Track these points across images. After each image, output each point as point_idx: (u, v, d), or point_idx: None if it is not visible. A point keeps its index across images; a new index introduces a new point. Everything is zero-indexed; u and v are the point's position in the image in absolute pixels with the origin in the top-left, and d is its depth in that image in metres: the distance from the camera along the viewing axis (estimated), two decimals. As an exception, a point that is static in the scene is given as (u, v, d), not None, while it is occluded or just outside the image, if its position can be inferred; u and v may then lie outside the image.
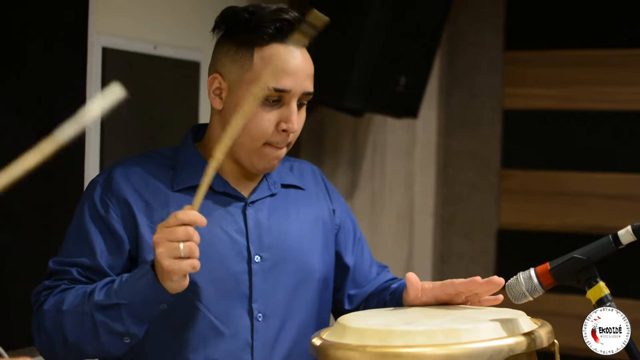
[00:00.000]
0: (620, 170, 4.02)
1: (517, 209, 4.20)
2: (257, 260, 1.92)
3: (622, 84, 4.02)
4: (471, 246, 4.23)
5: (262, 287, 1.92)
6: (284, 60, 1.87)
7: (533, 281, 1.71)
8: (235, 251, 1.92)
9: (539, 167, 4.17)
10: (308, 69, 1.92)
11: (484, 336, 1.59)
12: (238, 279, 1.90)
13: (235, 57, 1.90)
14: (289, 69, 1.88)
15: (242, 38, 1.89)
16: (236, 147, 1.91)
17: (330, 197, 2.12)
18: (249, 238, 1.93)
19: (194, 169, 1.92)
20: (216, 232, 1.91)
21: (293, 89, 1.88)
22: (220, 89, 1.92)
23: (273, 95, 1.87)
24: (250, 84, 1.87)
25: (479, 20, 4.24)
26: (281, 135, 1.90)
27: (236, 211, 1.94)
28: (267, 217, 1.97)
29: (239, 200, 1.95)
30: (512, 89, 4.21)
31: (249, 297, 1.91)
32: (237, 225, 1.93)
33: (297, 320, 1.96)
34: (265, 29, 1.87)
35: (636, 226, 1.67)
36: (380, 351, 1.58)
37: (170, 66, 2.97)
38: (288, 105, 1.89)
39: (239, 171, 1.97)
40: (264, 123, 1.88)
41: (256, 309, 1.91)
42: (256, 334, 1.90)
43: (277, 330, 1.93)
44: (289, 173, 2.07)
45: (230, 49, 1.91)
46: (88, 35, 2.67)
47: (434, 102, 4.14)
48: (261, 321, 1.91)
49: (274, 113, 1.89)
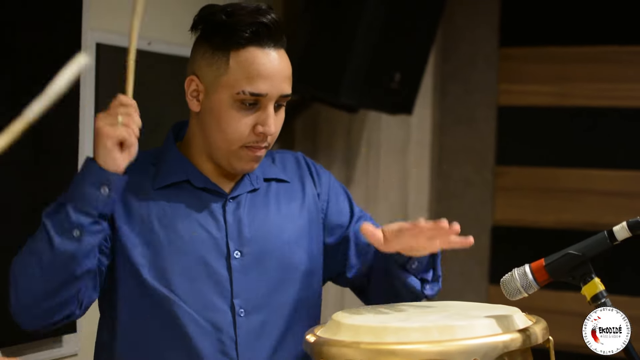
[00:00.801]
0: (616, 166, 4.02)
1: (512, 205, 4.20)
2: (236, 256, 1.91)
3: (618, 80, 4.02)
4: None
5: (243, 282, 1.91)
6: (260, 64, 1.87)
7: (528, 277, 1.71)
8: (214, 247, 1.91)
9: (534, 163, 4.17)
10: (285, 72, 1.91)
11: (478, 333, 1.58)
12: (218, 275, 1.90)
13: (212, 61, 1.89)
14: (264, 72, 1.87)
15: (218, 41, 1.88)
16: (213, 150, 1.91)
17: (315, 181, 2.09)
18: (228, 234, 1.92)
19: (175, 167, 1.93)
20: (195, 229, 1.90)
21: (269, 92, 1.87)
22: (197, 91, 1.91)
23: (249, 99, 1.87)
24: (225, 88, 1.86)
25: (474, 17, 4.24)
26: (258, 136, 1.89)
27: (216, 207, 1.94)
28: (248, 212, 1.96)
29: (219, 196, 1.95)
30: (507, 85, 4.21)
31: (230, 293, 1.90)
32: (216, 222, 1.93)
33: (283, 315, 1.95)
34: (241, 32, 1.86)
35: (632, 222, 1.67)
36: (375, 348, 1.57)
37: (165, 62, 2.97)
38: (265, 109, 1.88)
39: (219, 171, 1.96)
40: (241, 126, 1.88)
41: (238, 305, 1.89)
42: (239, 330, 1.89)
43: (261, 325, 1.92)
44: (271, 166, 2.05)
45: (207, 51, 1.90)
46: (82, 32, 2.66)
47: (429, 98, 4.14)
48: (243, 317, 1.90)
49: (251, 117, 1.88)
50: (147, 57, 2.90)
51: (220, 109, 1.88)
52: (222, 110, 1.88)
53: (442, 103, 4.29)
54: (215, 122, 1.89)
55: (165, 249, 1.88)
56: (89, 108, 2.70)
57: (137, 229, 1.88)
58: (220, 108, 1.88)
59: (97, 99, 2.73)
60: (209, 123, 1.90)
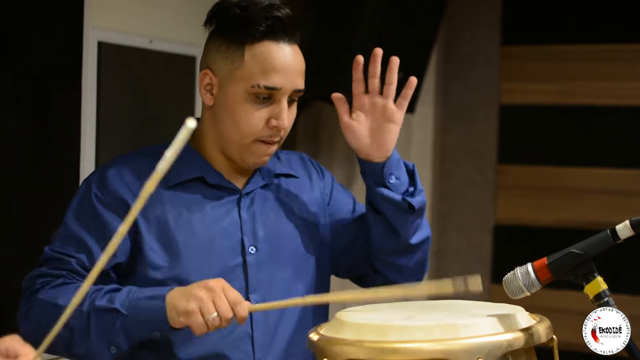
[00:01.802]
0: (618, 165, 4.01)
1: (514, 204, 4.19)
2: (251, 251, 1.93)
3: (620, 79, 4.01)
4: (468, 242, 4.22)
5: (258, 278, 1.92)
6: (275, 57, 1.87)
7: (530, 276, 1.70)
8: (230, 244, 1.92)
9: (536, 162, 4.16)
10: (299, 66, 1.92)
11: (482, 331, 1.58)
12: (234, 271, 1.91)
13: (226, 54, 1.90)
14: (279, 66, 1.88)
15: (233, 35, 1.89)
16: (226, 144, 1.92)
17: (320, 176, 2.12)
18: (243, 230, 1.93)
19: (188, 164, 1.93)
20: (210, 227, 1.91)
21: (284, 86, 1.88)
22: (211, 85, 1.92)
23: (263, 93, 1.87)
24: (240, 81, 1.86)
25: (476, 16, 4.23)
26: (271, 130, 1.89)
27: (230, 203, 1.95)
28: (261, 208, 1.97)
29: (233, 193, 1.96)
30: (508, 84, 4.20)
31: (245, 289, 1.91)
32: (231, 218, 1.93)
33: (297, 309, 1.96)
34: (256, 26, 1.87)
35: (634, 220, 1.67)
36: (378, 346, 1.57)
37: (166, 60, 2.96)
38: (279, 103, 1.89)
39: (231, 165, 1.97)
40: (254, 120, 1.89)
41: (254, 300, 1.91)
42: (255, 325, 1.91)
43: (277, 320, 1.94)
44: (278, 163, 2.07)
45: (222, 45, 1.91)
46: (84, 30, 2.66)
47: (431, 97, 4.14)
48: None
49: (265, 110, 1.89)
50: (148, 55, 2.90)
51: (235, 102, 1.88)
52: (236, 103, 1.88)
53: (444, 102, 4.28)
54: (229, 116, 1.89)
55: (182, 249, 1.88)
56: (90, 107, 2.69)
57: (154, 230, 1.88)
58: (234, 101, 1.88)
59: (98, 97, 2.72)
60: (222, 116, 1.91)
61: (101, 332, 1.75)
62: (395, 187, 1.98)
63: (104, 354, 1.77)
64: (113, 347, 1.76)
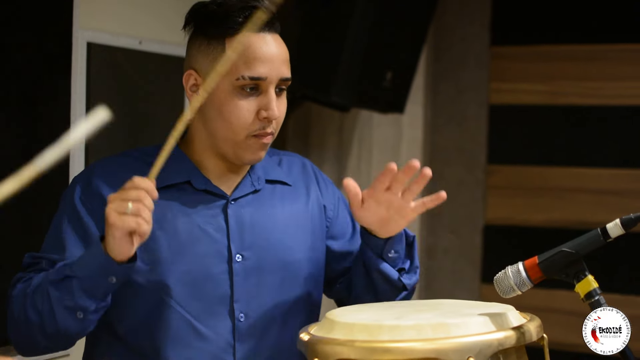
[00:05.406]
0: (607, 165, 4.02)
1: (504, 204, 4.20)
2: (238, 259, 1.89)
3: (609, 79, 4.02)
4: (458, 242, 4.23)
5: (244, 286, 1.89)
6: (257, 47, 1.86)
7: (521, 275, 1.70)
8: (216, 251, 1.88)
9: (526, 162, 4.17)
10: (283, 55, 1.90)
11: (473, 330, 1.58)
12: (218, 279, 1.88)
13: (208, 51, 1.88)
14: (262, 56, 1.85)
15: (213, 31, 1.87)
16: (219, 142, 1.89)
17: (322, 189, 2.08)
18: (229, 237, 1.90)
19: (177, 166, 1.90)
20: (195, 232, 1.88)
21: (269, 75, 1.85)
22: (197, 85, 1.89)
23: (249, 84, 1.85)
24: (225, 76, 1.84)
25: (465, 16, 4.24)
26: (262, 122, 1.87)
27: (217, 209, 1.91)
28: (250, 215, 1.93)
29: (221, 198, 1.92)
30: (498, 84, 4.21)
31: (230, 297, 1.88)
32: (217, 224, 1.90)
33: (283, 320, 1.93)
34: (235, 18, 1.85)
35: (625, 219, 1.67)
36: (369, 346, 1.57)
37: (156, 61, 2.96)
38: (266, 93, 1.86)
39: (222, 167, 1.94)
40: (244, 113, 1.85)
41: (238, 309, 1.88)
42: (238, 334, 1.88)
43: (261, 330, 1.90)
44: (276, 167, 2.04)
45: (202, 43, 1.89)
46: (73, 31, 2.66)
47: (420, 97, 4.14)
48: (243, 321, 1.88)
49: (253, 102, 1.86)
50: (138, 56, 2.89)
51: (222, 98, 1.86)
52: (223, 99, 1.86)
53: (434, 102, 4.29)
54: (218, 113, 1.87)
55: (164, 253, 1.85)
56: (80, 108, 2.69)
57: None
58: (221, 97, 1.86)
59: (88, 98, 2.72)
60: (211, 115, 1.88)
61: (63, 302, 1.74)
62: (393, 260, 1.95)
63: (71, 322, 1.75)
64: (79, 312, 1.74)
